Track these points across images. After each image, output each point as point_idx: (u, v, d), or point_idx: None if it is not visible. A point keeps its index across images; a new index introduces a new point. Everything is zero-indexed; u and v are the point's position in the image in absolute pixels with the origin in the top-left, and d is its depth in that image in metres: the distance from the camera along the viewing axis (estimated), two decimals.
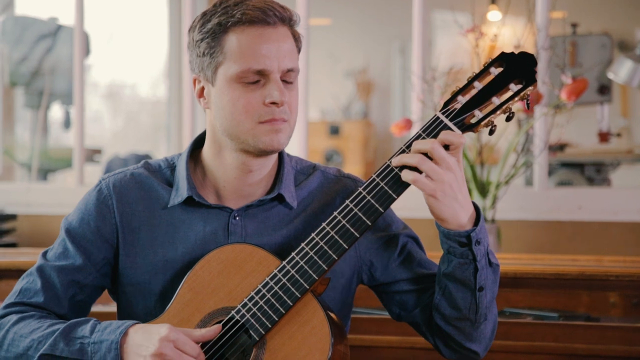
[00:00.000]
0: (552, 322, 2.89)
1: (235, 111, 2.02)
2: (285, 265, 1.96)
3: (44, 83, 6.43)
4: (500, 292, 3.02)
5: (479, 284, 2.00)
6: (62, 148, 7.36)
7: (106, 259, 2.14)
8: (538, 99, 4.10)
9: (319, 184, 2.18)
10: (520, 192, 4.69)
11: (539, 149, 4.31)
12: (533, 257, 3.55)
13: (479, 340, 2.09)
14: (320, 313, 1.95)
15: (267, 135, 2.02)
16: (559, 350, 2.85)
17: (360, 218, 1.95)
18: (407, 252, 2.15)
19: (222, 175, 2.11)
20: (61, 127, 7.27)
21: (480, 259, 1.98)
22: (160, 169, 2.19)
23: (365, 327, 2.93)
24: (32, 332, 2.02)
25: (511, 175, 4.11)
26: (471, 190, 4.11)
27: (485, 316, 2.05)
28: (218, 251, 2.03)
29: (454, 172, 1.92)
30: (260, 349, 1.95)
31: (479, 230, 1.97)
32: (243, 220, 2.10)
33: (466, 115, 1.94)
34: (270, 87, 2.00)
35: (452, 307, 2.03)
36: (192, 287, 2.02)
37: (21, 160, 6.60)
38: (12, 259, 3.49)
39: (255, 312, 1.95)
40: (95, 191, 2.17)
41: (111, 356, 1.94)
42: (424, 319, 2.13)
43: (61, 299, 2.11)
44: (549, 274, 2.99)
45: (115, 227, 2.13)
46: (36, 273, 2.13)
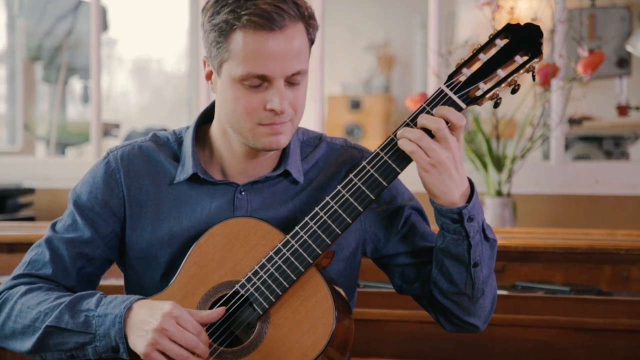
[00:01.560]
0: (563, 296, 2.87)
1: (237, 109, 1.99)
2: (290, 240, 1.96)
3: (62, 58, 6.44)
4: (511, 266, 3.05)
5: (473, 260, 1.99)
6: (80, 122, 7.38)
7: (114, 232, 2.14)
8: (555, 72, 4.07)
9: (325, 156, 2.17)
10: (537, 166, 4.67)
11: (555, 122, 4.28)
12: (545, 231, 3.53)
13: (478, 315, 2.09)
14: (324, 287, 1.94)
15: (266, 138, 2.00)
16: (569, 324, 2.84)
17: (364, 192, 1.95)
18: (410, 225, 2.14)
19: (228, 156, 2.11)
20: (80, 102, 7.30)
21: (474, 235, 1.98)
22: (168, 142, 2.18)
23: (375, 301, 2.93)
24: (39, 304, 2.03)
25: (527, 149, 4.09)
26: (486, 164, 4.10)
27: (482, 291, 2.05)
28: (222, 225, 2.03)
29: (452, 152, 1.91)
30: (265, 323, 1.96)
31: (472, 207, 1.95)
32: (249, 195, 2.10)
33: (471, 88, 1.93)
34: (272, 94, 1.96)
35: (448, 282, 2.03)
36: (196, 261, 2.02)
37: (40, 135, 6.63)
38: (29, 232, 3.51)
39: (260, 286, 1.95)
40: (103, 164, 2.17)
41: (115, 330, 1.94)
42: (425, 292, 2.12)
43: (69, 271, 2.12)
44: (560, 248, 2.98)
45: (122, 200, 2.13)
46: (45, 245, 2.14)
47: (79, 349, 1.99)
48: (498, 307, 2.79)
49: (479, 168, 4.14)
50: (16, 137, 7.94)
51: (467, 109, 1.94)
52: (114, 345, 1.95)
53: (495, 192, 4.10)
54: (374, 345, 2.95)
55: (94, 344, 1.97)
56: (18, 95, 7.77)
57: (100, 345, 1.97)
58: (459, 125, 1.91)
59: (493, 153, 4.08)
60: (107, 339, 1.95)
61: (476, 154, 4.13)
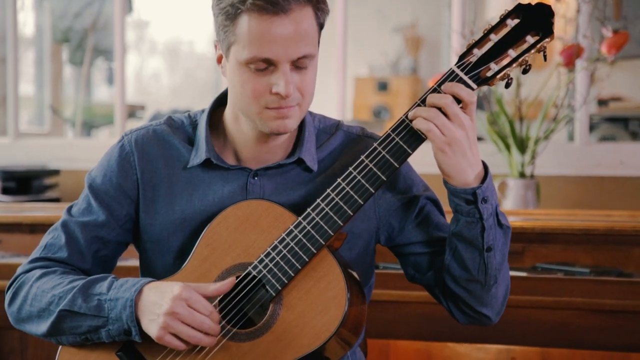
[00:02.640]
0: (582, 277, 2.86)
1: (244, 93, 1.99)
2: (301, 221, 1.96)
3: (88, 40, 6.47)
4: (531, 247, 3.04)
5: (486, 244, 1.99)
6: (106, 104, 7.42)
7: (128, 215, 2.15)
8: (579, 53, 4.05)
9: (341, 144, 2.17)
10: (561, 147, 4.64)
11: (580, 103, 4.25)
12: (566, 213, 3.51)
13: (490, 304, 2.08)
14: (336, 268, 1.94)
15: (273, 121, 1.99)
16: (588, 305, 2.82)
17: (375, 173, 1.94)
18: (424, 215, 2.14)
19: (240, 141, 2.11)
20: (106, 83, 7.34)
21: (488, 217, 1.97)
22: (183, 126, 2.19)
23: (393, 283, 2.93)
24: (53, 287, 2.05)
25: (550, 130, 4.07)
26: (509, 145, 4.08)
27: (495, 278, 2.03)
28: (234, 207, 2.04)
29: (466, 130, 1.90)
30: (278, 304, 1.96)
31: (486, 188, 1.95)
32: (262, 180, 2.10)
33: (482, 69, 1.92)
34: (277, 77, 1.95)
35: (461, 268, 2.02)
36: (209, 244, 2.03)
37: (67, 117, 6.67)
38: (51, 213, 3.53)
39: (272, 267, 1.96)
40: (117, 147, 2.18)
41: (126, 313, 1.96)
42: (438, 282, 2.12)
43: (85, 254, 2.14)
44: (579, 230, 2.97)
45: (136, 183, 2.14)
46: (61, 228, 2.16)
47: (92, 332, 2.01)
48: (515, 289, 2.79)
49: (502, 150, 4.12)
50: (44, 119, 8.00)
51: (479, 89, 1.93)
52: (126, 329, 1.97)
53: (518, 173, 4.08)
54: (391, 326, 2.95)
55: (107, 328, 1.99)
56: (45, 77, 7.82)
57: (113, 329, 1.98)
58: (470, 102, 1.91)
59: (516, 134, 4.06)
60: (119, 322, 1.97)
61: (499, 135, 4.11)
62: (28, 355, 3.17)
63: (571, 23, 4.18)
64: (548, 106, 4.08)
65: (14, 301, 2.10)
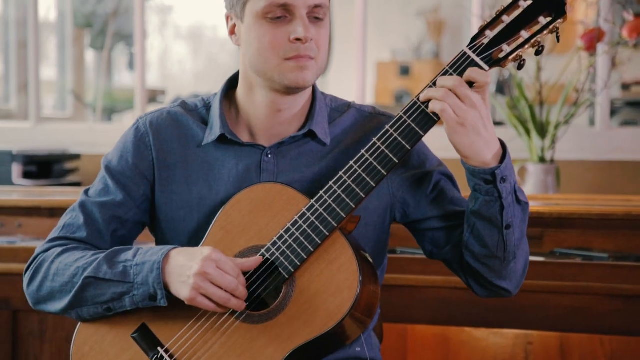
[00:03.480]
0: (600, 262, 2.84)
1: (262, 47, 2.01)
2: (314, 204, 1.96)
3: (108, 25, 6.48)
4: (550, 232, 3.02)
5: (505, 222, 1.98)
6: (126, 89, 7.44)
7: (145, 195, 2.16)
8: (600, 37, 4.02)
9: (354, 122, 2.17)
10: (581, 132, 4.62)
11: (600, 87, 4.23)
12: (584, 198, 3.49)
13: (509, 278, 2.07)
14: (349, 251, 1.94)
15: (292, 72, 2.01)
16: (605, 290, 2.81)
17: (387, 155, 1.94)
18: (439, 190, 2.13)
19: (254, 114, 2.11)
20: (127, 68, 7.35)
21: (507, 196, 1.96)
22: (197, 108, 2.20)
23: (409, 267, 2.92)
24: (76, 260, 2.06)
25: (571, 114, 4.04)
26: (529, 130, 4.06)
27: (514, 254, 2.03)
28: (248, 190, 2.04)
29: (479, 110, 1.90)
30: (290, 287, 1.96)
31: (504, 167, 1.94)
32: (275, 158, 2.11)
33: (494, 50, 1.91)
34: (295, 23, 1.99)
35: (480, 245, 2.02)
36: (223, 226, 2.03)
37: (88, 102, 6.69)
38: (73, 197, 3.54)
39: (285, 250, 1.96)
40: (133, 129, 2.20)
41: (153, 276, 1.97)
42: (455, 256, 2.11)
43: (103, 234, 2.15)
44: (596, 215, 2.94)
45: (152, 163, 2.15)
46: (79, 209, 2.17)
47: (116, 300, 2.02)
48: (533, 274, 2.79)
49: (522, 134, 4.10)
50: (66, 104, 8.03)
51: (490, 70, 1.92)
52: (151, 293, 1.98)
53: (538, 158, 4.06)
54: (408, 311, 2.94)
55: (132, 293, 2.00)
56: (68, 62, 7.85)
57: (137, 294, 1.99)
58: (484, 83, 1.90)
59: (536, 119, 4.04)
60: (145, 286, 1.98)
61: (519, 120, 4.10)
62: (47, 337, 3.18)
63: (592, 7, 4.16)
64: (569, 91, 4.06)
65: (34, 280, 2.11)
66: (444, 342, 3.01)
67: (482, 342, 2.95)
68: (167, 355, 1.99)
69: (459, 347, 2.99)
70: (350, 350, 2.14)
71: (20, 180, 4.85)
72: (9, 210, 3.42)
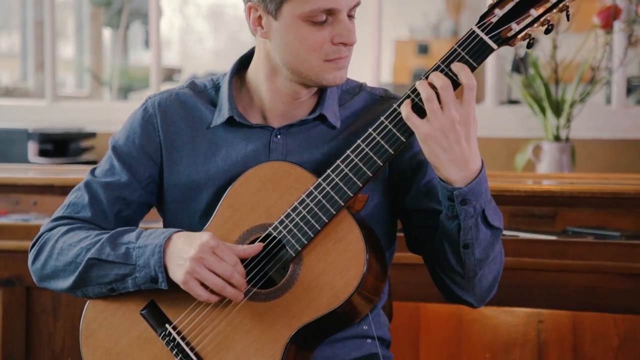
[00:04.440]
0: (611, 241, 2.84)
1: (302, 48, 2.00)
2: (321, 183, 1.96)
3: (124, 2, 6.48)
4: (563, 211, 3.01)
5: (462, 242, 1.94)
6: (143, 67, 7.45)
7: (151, 177, 2.17)
8: (617, 15, 3.99)
9: (364, 104, 2.16)
10: (597, 110, 4.60)
11: (616, 65, 4.20)
12: (598, 176, 3.48)
13: (472, 292, 2.04)
14: (356, 229, 1.94)
15: (330, 73, 2.01)
16: (616, 269, 2.80)
17: (395, 134, 1.93)
18: (431, 186, 2.10)
19: (270, 99, 2.11)
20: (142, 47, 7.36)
21: (466, 219, 1.91)
22: (206, 89, 2.20)
23: None
24: (80, 240, 2.07)
25: (586, 92, 4.03)
26: (544, 108, 4.04)
27: (474, 272, 1.99)
28: (256, 169, 2.04)
29: (454, 123, 1.85)
30: (297, 265, 1.97)
31: (467, 191, 1.89)
32: (284, 139, 2.11)
33: (503, 29, 1.89)
34: (341, 27, 1.98)
35: (442, 256, 2.00)
36: (231, 204, 2.04)
37: (106, 80, 6.71)
38: (82, 175, 3.55)
39: (292, 228, 1.96)
40: (140, 110, 2.20)
41: (154, 259, 1.98)
42: (427, 258, 2.10)
43: (107, 214, 2.15)
44: (608, 193, 2.93)
45: (159, 145, 2.15)
46: (84, 188, 2.18)
47: (119, 281, 2.03)
48: (544, 252, 2.79)
49: (537, 113, 4.09)
50: (84, 82, 8.05)
51: (499, 49, 1.91)
52: (153, 276, 1.99)
53: (553, 137, 4.05)
54: (419, 289, 2.94)
55: (134, 275, 2.01)
56: (85, 41, 7.86)
57: (139, 276, 2.00)
58: (467, 85, 1.86)
59: (552, 97, 4.02)
60: (146, 269, 1.99)
61: (534, 98, 4.08)
62: (60, 314, 3.20)
63: None
64: (584, 69, 4.04)
65: (38, 258, 2.12)
66: (458, 320, 3.01)
67: (493, 321, 2.95)
68: (175, 332, 2.01)
69: (471, 325, 2.99)
70: (358, 329, 2.14)
71: (36, 159, 4.87)
72: (24, 188, 3.45)
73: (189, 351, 1.99)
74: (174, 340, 2.00)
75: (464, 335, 3.00)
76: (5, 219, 3.31)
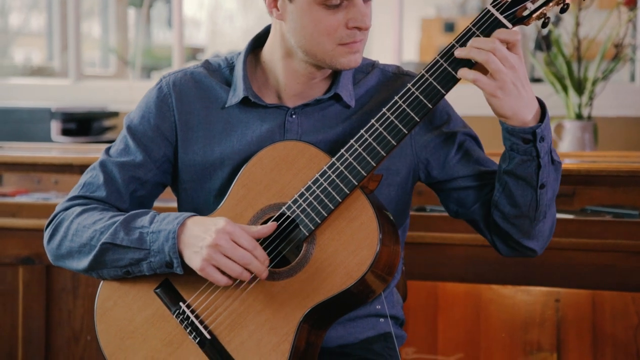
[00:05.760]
0: (629, 220, 2.82)
1: (316, 32, 2.00)
2: (335, 162, 1.96)
3: None
4: (581, 189, 3.00)
5: (540, 181, 1.98)
6: (167, 46, 7.47)
7: (166, 156, 2.17)
8: None
9: (378, 82, 2.17)
10: (621, 88, 4.57)
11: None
12: (618, 155, 3.46)
13: (537, 238, 2.07)
14: (369, 209, 1.95)
15: (345, 57, 2.02)
16: (633, 247, 2.79)
17: (409, 114, 1.93)
18: (464, 150, 2.13)
19: (285, 79, 2.11)
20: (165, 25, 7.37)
21: (544, 156, 1.96)
22: (220, 69, 2.20)
23: (438, 225, 2.92)
24: (94, 222, 2.08)
25: (609, 70, 4.00)
26: (567, 86, 4.02)
27: (544, 214, 2.03)
28: (270, 148, 2.05)
29: (517, 71, 1.88)
30: (311, 244, 1.97)
31: (544, 127, 1.93)
32: (299, 118, 2.11)
33: (518, 8, 1.89)
34: (355, 11, 1.98)
35: (511, 204, 2.01)
36: (245, 184, 2.05)
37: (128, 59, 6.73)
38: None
39: (305, 207, 1.97)
40: (155, 89, 2.21)
41: (168, 245, 1.98)
42: (482, 215, 2.11)
43: (122, 193, 2.17)
44: (624, 172, 2.92)
45: (174, 124, 2.16)
46: (99, 168, 2.18)
47: (134, 264, 2.04)
48: (560, 231, 2.77)
49: (559, 91, 4.07)
50: (109, 61, 8.08)
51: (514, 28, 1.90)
52: (167, 261, 2.00)
53: (575, 115, 4.02)
54: (435, 268, 2.95)
55: (149, 260, 2.02)
56: (110, 20, 7.88)
57: (154, 261, 2.01)
58: (515, 40, 1.88)
59: (574, 75, 3.99)
60: (161, 254, 2.00)
61: (556, 76, 4.06)
62: (79, 293, 3.23)
63: None
64: (607, 46, 4.01)
65: (54, 238, 2.13)
66: (475, 299, 3.01)
67: (510, 300, 2.95)
68: (188, 310, 2.02)
69: (489, 304, 2.99)
70: (371, 308, 2.15)
71: (59, 138, 4.89)
72: (45, 167, 3.47)
73: (203, 329, 2.00)
74: (187, 318, 2.01)
75: (482, 314, 3.00)
76: (25, 197, 3.33)
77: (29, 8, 8.90)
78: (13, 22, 8.93)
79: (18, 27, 8.99)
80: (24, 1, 8.91)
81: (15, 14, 8.91)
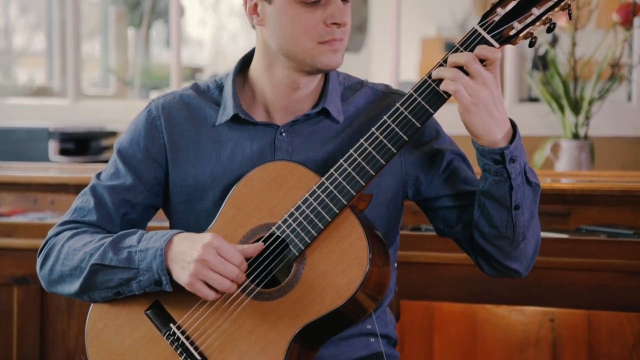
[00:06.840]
0: (623, 239, 2.82)
1: (295, 31, 2.01)
2: (324, 182, 1.97)
3: (145, 2, 6.52)
4: (577, 209, 3.00)
5: (514, 202, 1.98)
6: (166, 66, 7.50)
7: (156, 179, 2.18)
8: (636, 11, 3.97)
9: (367, 99, 2.17)
10: (617, 107, 4.57)
11: (636, 62, 4.18)
12: (613, 174, 3.46)
13: (519, 259, 2.07)
14: (359, 229, 1.95)
15: (325, 55, 2.02)
16: (627, 267, 2.78)
17: (397, 133, 1.94)
18: (452, 169, 2.13)
19: (270, 92, 2.12)
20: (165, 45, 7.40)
21: (516, 177, 1.96)
22: (209, 90, 2.21)
23: (433, 244, 2.92)
24: (84, 245, 2.08)
25: (605, 90, 4.00)
26: (563, 106, 4.02)
27: (523, 235, 2.02)
28: (260, 169, 2.05)
29: (490, 88, 1.89)
30: (301, 264, 1.97)
31: (514, 148, 1.94)
32: (289, 136, 2.11)
33: (504, 28, 1.89)
34: (332, 8, 2.00)
35: (489, 225, 2.01)
36: (235, 204, 2.05)
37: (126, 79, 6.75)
38: None
39: (295, 227, 1.97)
40: (144, 112, 2.21)
41: (156, 263, 1.98)
42: (466, 235, 2.11)
43: (113, 217, 2.17)
44: (618, 191, 2.92)
45: (163, 146, 2.16)
46: (89, 192, 2.19)
47: (123, 284, 2.04)
48: (555, 251, 2.78)
49: (555, 110, 4.07)
50: (109, 81, 8.10)
51: (502, 48, 1.91)
52: (156, 279, 2.00)
53: (571, 134, 4.03)
54: (429, 288, 2.95)
55: (138, 279, 2.02)
56: (110, 40, 7.91)
57: (143, 280, 2.01)
58: (494, 58, 1.89)
59: (570, 95, 4.00)
60: (149, 272, 2.00)
61: (553, 96, 4.06)
62: (74, 313, 3.22)
63: None
64: (603, 66, 4.02)
65: (46, 264, 2.14)
66: (471, 319, 3.00)
67: (505, 320, 2.95)
68: (179, 331, 2.02)
69: (484, 324, 2.99)
70: (363, 327, 2.14)
71: (56, 157, 4.90)
72: (41, 187, 3.47)
73: (193, 351, 2.00)
74: (178, 339, 2.01)
75: (479, 334, 2.99)
76: (21, 217, 3.34)
77: (33, 28, 8.94)
78: (17, 43, 8.97)
79: (22, 48, 9.02)
80: (28, 21, 8.94)
81: (19, 34, 8.95)
